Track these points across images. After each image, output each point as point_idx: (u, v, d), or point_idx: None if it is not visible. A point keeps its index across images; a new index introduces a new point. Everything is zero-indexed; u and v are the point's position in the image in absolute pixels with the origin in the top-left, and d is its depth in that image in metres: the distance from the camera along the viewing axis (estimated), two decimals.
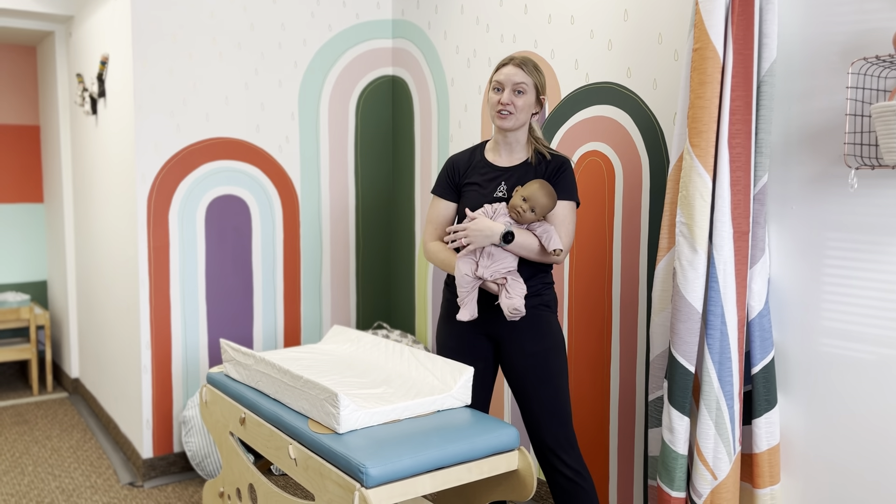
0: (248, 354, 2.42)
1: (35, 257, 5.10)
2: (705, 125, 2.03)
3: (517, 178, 2.26)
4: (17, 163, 5.01)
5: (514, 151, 2.30)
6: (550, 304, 2.29)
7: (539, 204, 2.16)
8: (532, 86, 2.22)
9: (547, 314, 2.27)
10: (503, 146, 2.31)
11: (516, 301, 2.16)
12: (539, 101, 2.27)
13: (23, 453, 3.60)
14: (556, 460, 2.24)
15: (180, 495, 3.15)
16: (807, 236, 2.07)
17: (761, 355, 2.09)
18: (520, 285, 2.19)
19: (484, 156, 2.34)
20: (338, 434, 1.99)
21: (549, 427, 2.23)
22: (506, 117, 2.23)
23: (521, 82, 2.21)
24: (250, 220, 3.44)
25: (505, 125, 2.23)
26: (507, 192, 2.26)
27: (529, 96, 2.22)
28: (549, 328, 2.26)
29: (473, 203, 2.29)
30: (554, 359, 2.24)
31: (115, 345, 3.68)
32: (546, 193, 2.17)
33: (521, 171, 2.27)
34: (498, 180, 2.28)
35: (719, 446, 2.08)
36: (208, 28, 3.27)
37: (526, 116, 2.25)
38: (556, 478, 2.24)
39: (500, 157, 2.32)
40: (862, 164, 1.85)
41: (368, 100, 3.73)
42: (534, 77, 2.23)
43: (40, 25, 4.34)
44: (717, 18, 2.00)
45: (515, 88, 2.21)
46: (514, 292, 2.18)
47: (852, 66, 1.84)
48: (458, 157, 2.39)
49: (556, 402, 2.23)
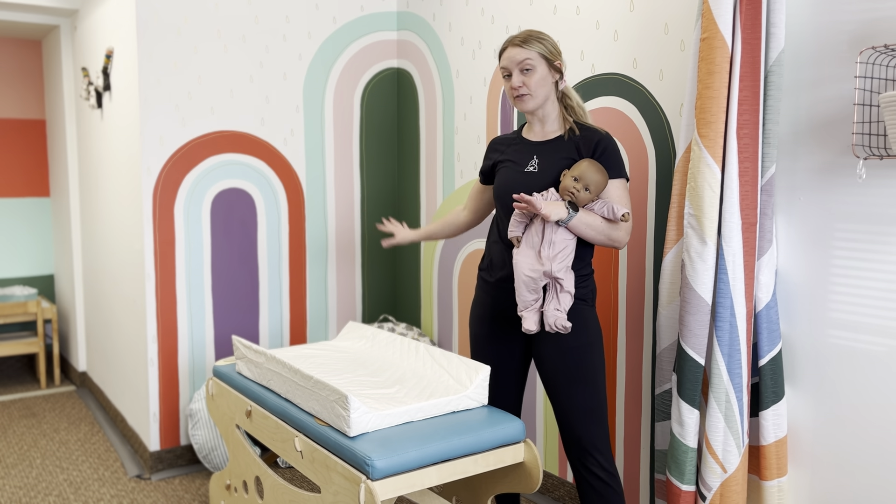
0: (260, 352, 2.39)
1: (42, 251, 5.12)
2: (714, 115, 2.02)
3: (550, 152, 2.17)
4: (23, 157, 5.02)
5: (546, 125, 2.22)
6: (587, 297, 2.17)
7: (592, 181, 2.04)
8: (539, 58, 2.13)
9: (584, 308, 2.15)
10: (535, 122, 2.24)
11: (561, 318, 2.05)
12: (554, 67, 2.16)
13: (31, 446, 3.62)
14: (591, 460, 2.14)
15: (187, 488, 3.16)
16: (815, 227, 2.05)
17: (769, 347, 2.08)
18: (568, 297, 2.07)
19: (521, 134, 2.29)
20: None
21: (584, 426, 2.13)
22: (524, 99, 2.15)
23: (525, 59, 2.12)
24: (256, 214, 3.44)
25: (526, 107, 2.17)
26: (538, 166, 2.17)
27: (540, 70, 2.13)
28: (586, 323, 2.15)
29: (506, 178, 2.21)
30: (590, 355, 2.13)
31: (121, 338, 3.69)
32: (597, 170, 2.05)
33: (554, 146, 2.18)
34: (530, 154, 2.21)
35: (729, 439, 2.08)
36: (213, 21, 3.26)
37: (545, 91, 2.16)
38: (589, 478, 2.14)
39: (532, 132, 2.26)
40: (870, 155, 1.84)
41: (373, 92, 3.72)
42: (537, 48, 2.12)
43: (45, 19, 4.34)
44: (725, 7, 1.99)
45: (522, 68, 2.13)
46: (563, 304, 2.06)
47: (861, 56, 1.83)
48: (501, 138, 2.34)
49: (592, 400, 2.13)
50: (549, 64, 2.15)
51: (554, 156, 2.16)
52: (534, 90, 2.14)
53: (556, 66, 2.16)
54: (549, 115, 2.21)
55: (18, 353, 4.54)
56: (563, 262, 2.06)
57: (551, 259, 2.04)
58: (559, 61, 2.17)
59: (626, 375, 2.68)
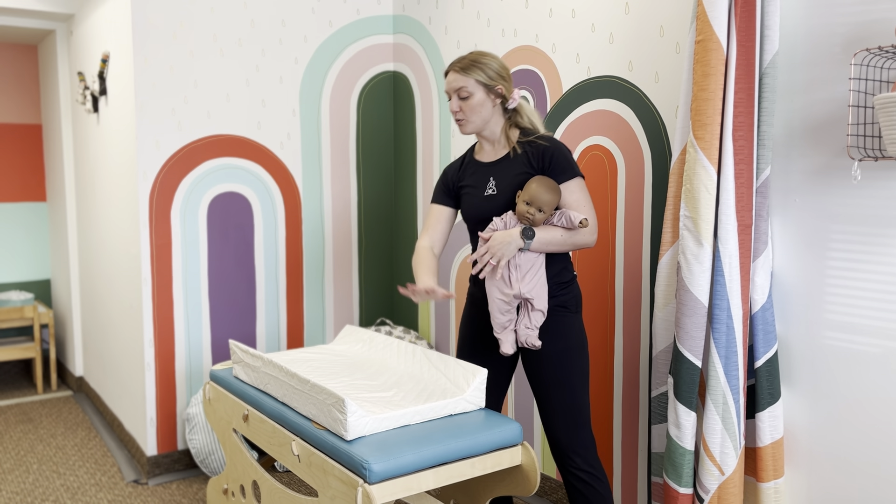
0: (257, 356, 2.39)
1: (38, 256, 5.11)
2: (709, 118, 2.02)
3: (504, 172, 2.21)
4: (19, 161, 5.02)
5: (495, 145, 2.28)
6: (569, 304, 2.20)
7: (543, 202, 2.09)
8: (476, 85, 2.17)
9: (566, 316, 2.20)
10: (484, 143, 2.30)
11: (532, 335, 2.13)
12: (495, 92, 2.19)
13: (27, 451, 3.61)
14: (569, 461, 2.20)
15: (184, 492, 3.15)
16: (810, 229, 2.06)
17: (764, 349, 2.09)
18: (539, 314, 2.14)
19: (473, 157, 2.33)
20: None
21: (563, 427, 2.19)
22: (461, 124, 2.23)
23: (461, 87, 2.18)
24: (252, 217, 3.44)
25: (464, 131, 2.24)
26: (496, 188, 2.21)
27: (478, 96, 2.18)
28: (566, 330, 2.19)
29: (471, 204, 2.26)
30: (570, 359, 2.18)
31: (118, 343, 3.68)
32: (546, 188, 2.10)
33: (506, 164, 2.22)
34: (486, 177, 2.25)
35: (726, 441, 2.08)
36: (209, 25, 3.26)
37: (482, 116, 2.20)
38: (570, 478, 2.20)
39: (484, 153, 2.30)
40: (865, 156, 1.84)
41: (370, 96, 3.72)
42: (475, 75, 2.16)
43: (41, 24, 4.34)
44: (719, 10, 1.99)
45: (459, 95, 2.19)
46: (533, 321, 2.13)
47: (855, 58, 1.83)
48: (451, 164, 2.40)
49: (570, 403, 2.18)
50: (488, 90, 2.19)
51: (508, 175, 2.21)
52: (469, 116, 2.20)
53: (496, 91, 2.19)
54: (494, 135, 2.26)
55: (15, 357, 4.53)
56: (531, 281, 2.12)
57: (519, 281, 2.12)
58: (501, 85, 2.20)
59: (623, 378, 2.68)
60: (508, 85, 2.22)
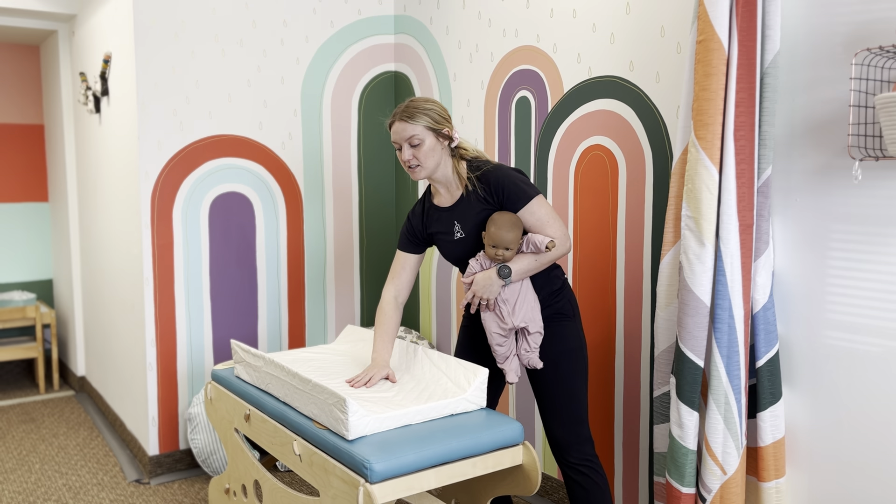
0: (258, 356, 2.39)
1: (40, 256, 5.12)
2: (711, 117, 2.02)
3: (465, 214, 2.24)
4: (21, 162, 5.02)
5: (450, 188, 2.29)
6: (564, 310, 2.26)
7: (506, 240, 2.13)
8: (425, 131, 2.19)
9: (562, 322, 2.25)
10: (440, 188, 2.31)
11: (533, 357, 2.20)
12: (442, 135, 2.22)
13: (30, 451, 3.61)
14: (567, 456, 2.24)
15: (186, 492, 3.15)
16: (811, 228, 2.06)
17: (766, 348, 2.09)
18: (538, 336, 2.20)
19: (432, 202, 2.34)
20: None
21: (560, 425, 2.23)
22: (415, 171, 2.23)
23: (412, 136, 2.19)
24: (254, 218, 3.44)
25: (417, 177, 2.24)
26: (462, 229, 2.25)
27: (428, 141, 2.20)
28: (563, 336, 2.24)
29: (446, 250, 2.32)
30: (567, 361, 2.22)
31: (120, 343, 3.68)
32: (506, 227, 2.13)
33: (465, 206, 2.25)
34: (450, 222, 2.28)
35: (728, 441, 2.08)
36: (210, 25, 3.27)
37: (435, 159, 2.22)
38: (569, 471, 2.25)
39: (441, 197, 2.32)
40: (866, 156, 1.84)
41: (371, 96, 3.72)
42: (422, 122, 2.19)
43: (43, 24, 4.35)
44: (721, 10, 1.99)
45: (410, 143, 2.20)
46: (532, 344, 2.20)
47: (856, 57, 1.83)
48: (413, 211, 2.41)
49: (567, 402, 2.22)
50: (437, 133, 2.21)
51: (470, 216, 2.24)
52: (423, 161, 2.21)
53: (443, 134, 2.22)
54: (447, 177, 2.28)
55: (17, 357, 4.54)
56: (521, 310, 2.18)
57: (511, 315, 2.18)
58: (447, 128, 2.22)
59: (625, 378, 2.68)
60: (451, 125, 2.26)
